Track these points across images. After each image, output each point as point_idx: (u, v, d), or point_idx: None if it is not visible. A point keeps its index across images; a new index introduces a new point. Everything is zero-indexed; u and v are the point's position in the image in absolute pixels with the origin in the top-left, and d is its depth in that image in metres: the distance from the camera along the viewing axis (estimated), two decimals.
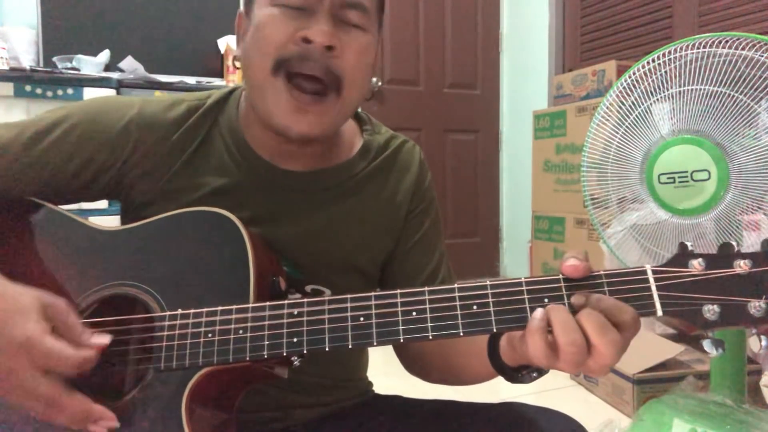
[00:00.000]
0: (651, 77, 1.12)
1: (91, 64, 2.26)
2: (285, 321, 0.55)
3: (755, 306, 0.47)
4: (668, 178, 1.09)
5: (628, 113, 1.15)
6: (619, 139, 1.17)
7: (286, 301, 0.56)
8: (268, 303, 0.57)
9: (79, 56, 2.26)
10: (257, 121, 0.71)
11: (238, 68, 0.73)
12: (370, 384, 0.85)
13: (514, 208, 3.50)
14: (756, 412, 1.14)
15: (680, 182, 1.08)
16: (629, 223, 1.17)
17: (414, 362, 0.78)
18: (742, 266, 0.48)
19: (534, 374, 0.58)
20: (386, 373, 1.02)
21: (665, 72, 1.09)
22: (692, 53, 1.06)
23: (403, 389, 0.83)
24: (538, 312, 0.50)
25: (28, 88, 2.00)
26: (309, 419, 0.75)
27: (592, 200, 1.24)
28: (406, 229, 0.79)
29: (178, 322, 0.58)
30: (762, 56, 0.98)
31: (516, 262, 3.48)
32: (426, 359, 0.76)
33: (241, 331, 0.56)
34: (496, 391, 1.80)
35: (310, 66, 0.64)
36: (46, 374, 0.50)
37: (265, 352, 0.55)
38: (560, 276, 0.51)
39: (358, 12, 0.66)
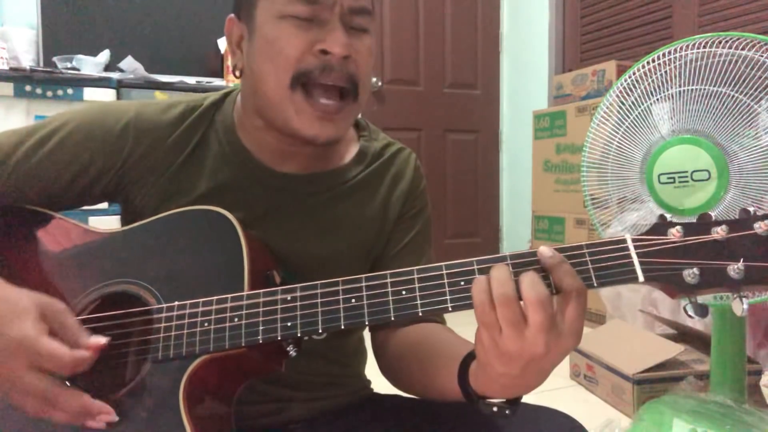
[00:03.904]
0: (651, 77, 1.12)
1: (91, 64, 2.26)
2: (279, 306, 0.57)
3: (734, 269, 0.47)
4: (668, 178, 1.09)
5: (628, 113, 1.15)
6: (619, 139, 1.17)
7: (279, 288, 0.58)
8: (262, 290, 0.58)
9: (79, 56, 2.26)
10: (258, 124, 0.72)
11: (238, 77, 0.73)
12: (369, 382, 0.85)
13: (514, 208, 3.49)
14: (756, 412, 1.14)
15: (680, 182, 1.08)
16: (629, 223, 1.17)
17: (391, 363, 0.75)
18: (719, 232, 0.48)
19: (494, 408, 0.55)
20: None
21: (665, 72, 1.09)
22: (692, 53, 1.06)
23: None
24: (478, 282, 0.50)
25: (28, 88, 1.99)
26: (307, 415, 0.74)
27: (592, 200, 1.24)
28: (396, 232, 0.79)
29: (175, 313, 0.59)
30: (762, 56, 0.98)
31: None
32: (404, 362, 0.73)
33: (236, 319, 0.57)
34: None
35: (332, 77, 0.65)
36: (42, 373, 0.52)
37: (260, 337, 0.56)
38: None
39: (364, 17, 0.67)
